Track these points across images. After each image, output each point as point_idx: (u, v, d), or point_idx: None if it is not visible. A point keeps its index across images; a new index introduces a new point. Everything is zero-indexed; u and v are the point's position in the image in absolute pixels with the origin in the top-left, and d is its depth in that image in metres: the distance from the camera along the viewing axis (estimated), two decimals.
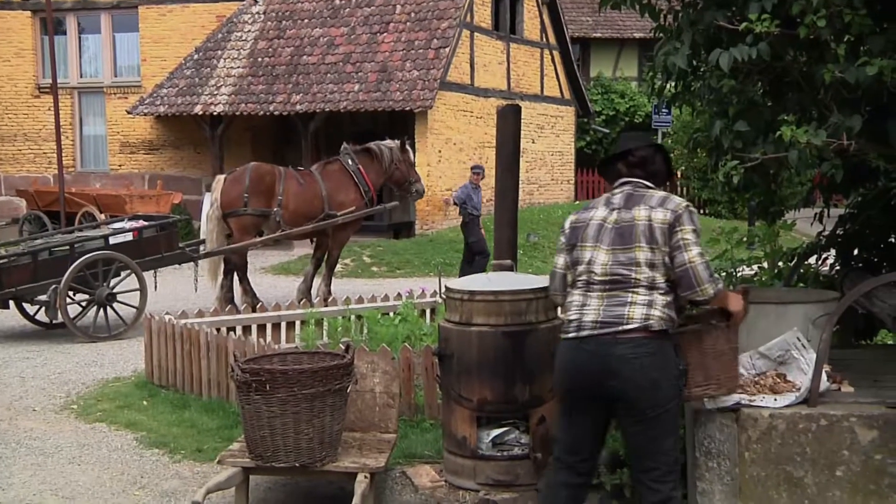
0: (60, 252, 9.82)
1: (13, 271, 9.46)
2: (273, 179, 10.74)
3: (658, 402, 3.58)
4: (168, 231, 10.72)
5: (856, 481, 3.72)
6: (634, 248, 3.68)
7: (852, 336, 5.52)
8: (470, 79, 19.63)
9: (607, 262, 3.71)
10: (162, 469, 5.64)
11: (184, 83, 19.42)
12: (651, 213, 3.70)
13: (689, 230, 3.67)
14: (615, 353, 3.58)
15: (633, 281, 3.65)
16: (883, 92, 3.75)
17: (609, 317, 3.63)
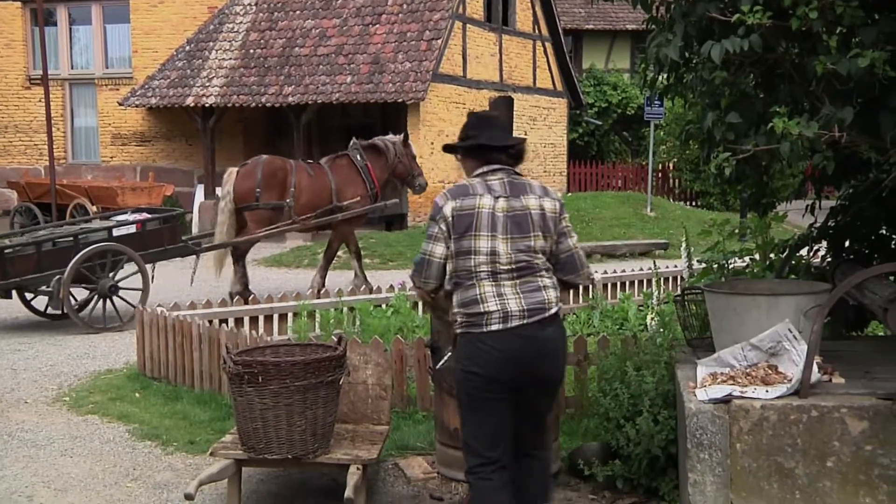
0: (64, 243, 9.85)
1: (17, 261, 9.49)
2: (285, 173, 10.81)
3: (560, 377, 4.03)
4: (171, 224, 10.73)
5: (846, 472, 3.73)
6: (531, 236, 3.82)
7: (843, 327, 5.54)
8: (462, 70, 19.60)
9: (510, 251, 3.79)
10: (154, 461, 5.64)
11: (175, 75, 19.35)
12: (541, 203, 3.87)
13: (567, 218, 3.99)
14: (547, 337, 3.78)
15: (535, 266, 3.82)
16: (874, 84, 3.76)
17: (532, 303, 3.77)
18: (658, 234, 18.72)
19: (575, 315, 9.57)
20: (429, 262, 3.87)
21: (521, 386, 3.78)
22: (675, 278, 10.59)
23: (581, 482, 5.07)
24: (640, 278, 10.80)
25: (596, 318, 9.34)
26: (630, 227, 19.32)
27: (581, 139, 26.31)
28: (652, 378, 4.80)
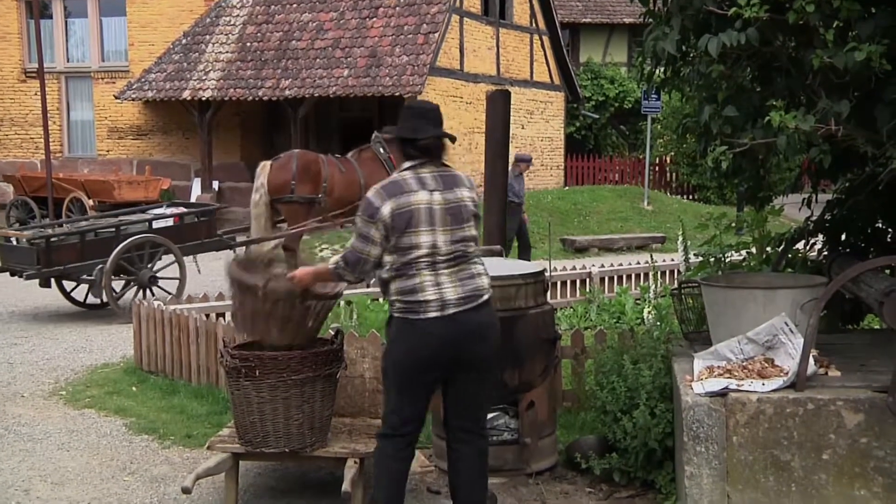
0: (106, 234, 10.13)
1: (62, 250, 9.75)
2: (318, 167, 10.91)
3: (493, 358, 4.11)
4: (208, 218, 11.04)
5: (842, 465, 3.75)
6: (465, 227, 4.00)
7: (839, 321, 5.55)
8: (459, 64, 19.59)
9: (448, 242, 3.95)
10: (151, 455, 5.64)
11: (172, 68, 19.31)
12: (464, 193, 4.04)
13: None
14: (481, 321, 3.96)
15: (469, 255, 4.01)
16: (871, 77, 3.76)
17: (468, 290, 3.95)
18: (655, 228, 18.74)
19: (572, 309, 9.58)
20: (365, 261, 4.00)
21: (454, 370, 4.02)
22: (672, 272, 10.60)
23: (578, 475, 5.09)
24: (637, 272, 10.82)
25: (593, 311, 9.35)
26: (627, 220, 19.35)
27: (578, 133, 26.31)
28: (649, 371, 4.81)
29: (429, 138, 4.01)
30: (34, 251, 9.64)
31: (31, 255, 9.65)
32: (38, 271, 9.67)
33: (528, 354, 5.08)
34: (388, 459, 4.10)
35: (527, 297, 5.12)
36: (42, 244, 9.67)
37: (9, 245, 10.10)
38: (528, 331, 5.08)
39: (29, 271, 9.69)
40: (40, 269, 9.66)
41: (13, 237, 10.18)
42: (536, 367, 5.12)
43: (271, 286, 4.44)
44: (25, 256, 9.75)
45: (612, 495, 4.82)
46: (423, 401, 4.08)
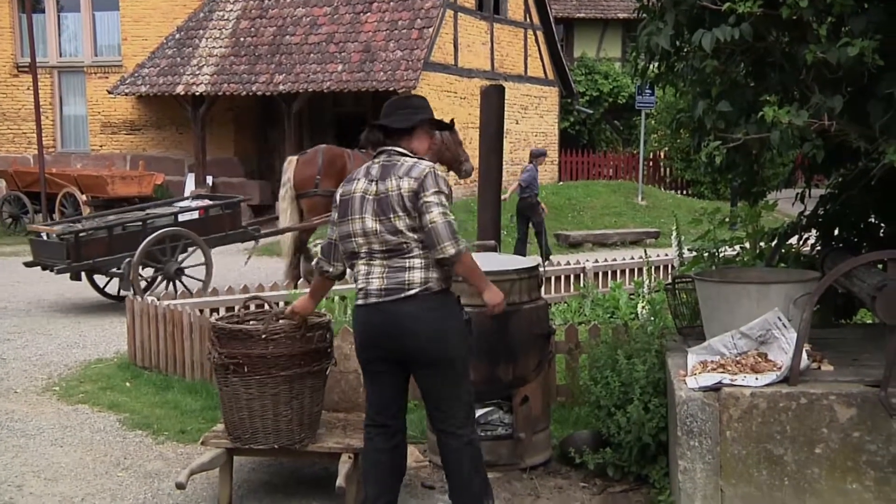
0: (133, 227, 10.32)
1: (91, 244, 9.97)
2: (344, 161, 11.03)
3: (449, 351, 3.95)
4: (233, 210, 11.18)
5: (834, 458, 3.76)
6: (393, 217, 3.92)
7: (832, 315, 5.56)
8: (454, 59, 19.56)
9: (378, 232, 3.95)
10: (145, 450, 5.64)
11: (165, 63, 19.26)
12: (399, 183, 3.93)
13: (431, 192, 3.91)
14: (404, 314, 3.91)
15: (403, 248, 3.93)
16: (864, 72, 3.76)
17: (392, 283, 3.93)
18: (649, 223, 18.76)
19: (566, 303, 9.59)
20: (330, 245, 4.20)
21: (390, 359, 4.00)
22: (666, 267, 10.62)
23: (572, 470, 5.09)
24: (631, 267, 10.83)
25: (587, 306, 9.36)
26: (621, 215, 19.37)
27: (572, 128, 26.31)
28: (643, 366, 4.82)
29: (374, 126, 4.11)
30: (64, 246, 9.82)
31: (61, 250, 9.83)
32: (67, 265, 9.85)
33: (522, 349, 5.08)
34: (369, 450, 4.18)
35: (521, 292, 5.12)
36: (71, 239, 9.85)
37: (40, 240, 10.29)
38: (522, 326, 5.08)
39: (59, 265, 9.87)
40: (70, 264, 9.84)
41: (44, 232, 10.35)
42: (530, 362, 5.13)
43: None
44: (56, 251, 9.92)
45: (606, 490, 4.83)
46: (381, 389, 4.10)
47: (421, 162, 4.01)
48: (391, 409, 4.15)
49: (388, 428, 4.14)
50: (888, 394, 3.66)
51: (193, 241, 10.39)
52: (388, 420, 4.14)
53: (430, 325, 3.93)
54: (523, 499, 4.78)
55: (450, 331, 3.98)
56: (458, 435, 4.07)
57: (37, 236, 10.44)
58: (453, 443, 4.07)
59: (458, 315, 4.04)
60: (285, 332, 4.56)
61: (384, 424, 4.14)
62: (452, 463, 4.10)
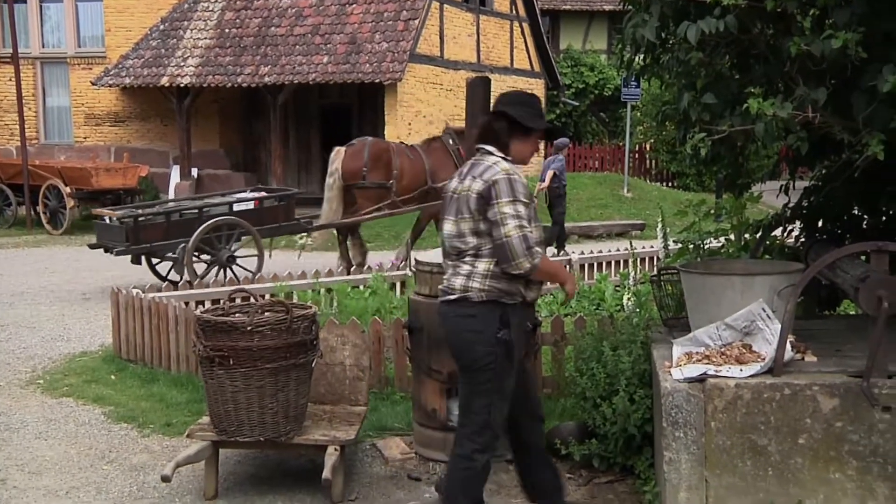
0: (190, 215, 10.75)
1: (149, 229, 10.45)
2: (390, 155, 11.25)
3: (471, 362, 3.93)
4: (286, 202, 11.56)
5: (817, 448, 3.78)
6: (460, 219, 3.94)
7: (816, 306, 5.59)
8: (440, 51, 19.53)
9: (449, 232, 3.99)
10: (130, 443, 5.62)
11: (150, 54, 19.15)
12: (472, 184, 3.91)
13: (506, 202, 3.83)
14: (447, 316, 4.00)
15: (464, 250, 3.95)
16: (847, 65, 3.78)
17: (446, 286, 4.03)
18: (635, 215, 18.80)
19: (552, 295, 9.60)
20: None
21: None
22: (652, 259, 10.65)
23: (558, 461, 5.10)
24: (617, 259, 10.86)
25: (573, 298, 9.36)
26: (607, 207, 19.40)
27: (558, 120, 26.32)
28: (628, 358, 4.83)
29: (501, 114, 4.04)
30: (124, 229, 10.28)
31: (122, 233, 10.29)
32: (126, 248, 10.32)
33: None
34: None
35: None
36: (131, 223, 10.30)
37: (103, 223, 10.82)
38: None
39: (118, 248, 10.35)
40: (129, 246, 10.30)
41: (106, 216, 10.83)
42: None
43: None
44: (116, 234, 10.40)
45: (592, 481, 4.85)
46: None
47: (498, 164, 3.90)
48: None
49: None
50: (870, 384, 3.69)
51: (247, 231, 10.74)
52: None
53: (455, 336, 3.99)
54: (510, 490, 4.79)
55: (476, 343, 3.91)
56: (460, 443, 4.03)
57: (100, 220, 10.97)
58: (455, 448, 4.07)
59: (491, 329, 3.90)
60: (270, 324, 4.55)
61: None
62: (449, 470, 4.11)
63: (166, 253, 10.54)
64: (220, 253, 10.58)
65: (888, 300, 3.66)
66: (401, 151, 11.40)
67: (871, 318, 3.73)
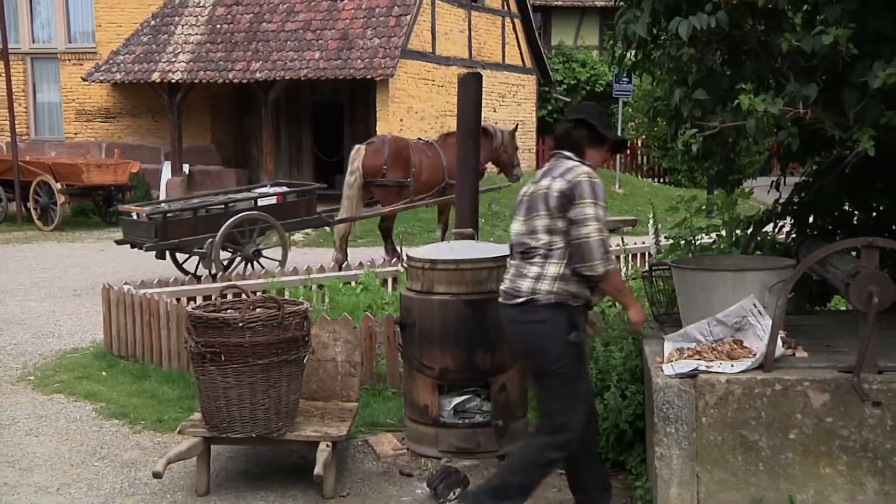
0: (216, 210, 10.88)
1: (177, 225, 10.54)
2: (409, 152, 11.41)
3: (544, 366, 3.93)
4: (308, 197, 11.72)
5: (808, 444, 3.80)
6: (534, 216, 3.95)
7: (807, 302, 5.61)
8: (431, 47, 19.50)
9: (519, 232, 4.01)
10: (122, 440, 5.61)
11: (140, 50, 19.09)
12: (552, 183, 3.92)
13: (589, 203, 3.86)
14: (510, 320, 4.00)
15: (531, 251, 3.95)
16: (838, 61, 3.78)
17: (508, 287, 4.01)
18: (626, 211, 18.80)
19: None
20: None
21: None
22: (643, 254, 10.66)
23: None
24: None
25: None
26: None
27: (550, 116, 26.30)
28: (620, 353, 4.84)
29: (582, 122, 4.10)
30: (152, 225, 10.37)
31: (150, 229, 10.38)
32: (155, 244, 10.39)
33: (500, 337, 5.09)
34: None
35: (499, 280, 5.11)
36: (159, 219, 10.42)
37: (130, 219, 10.81)
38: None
39: (147, 243, 10.41)
40: (157, 242, 10.38)
41: (134, 212, 10.85)
42: (508, 350, 5.14)
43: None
44: (145, 230, 10.47)
45: None
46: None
47: (580, 166, 3.96)
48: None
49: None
50: (860, 379, 3.70)
51: (272, 225, 10.84)
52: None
53: (526, 337, 3.97)
54: None
55: (548, 347, 3.91)
56: (537, 435, 4.06)
57: (127, 216, 10.97)
58: (531, 438, 4.07)
59: (561, 333, 3.90)
60: (262, 320, 4.54)
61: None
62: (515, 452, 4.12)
63: (194, 248, 10.68)
64: (246, 247, 10.70)
65: (878, 296, 3.67)
66: (419, 148, 11.57)
67: (861, 314, 3.75)
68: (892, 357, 3.92)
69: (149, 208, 10.90)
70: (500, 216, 16.99)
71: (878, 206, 5.47)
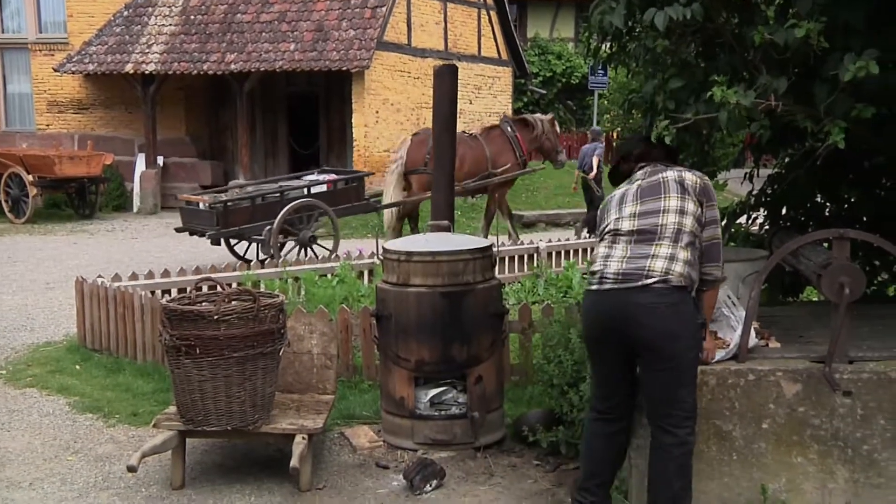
0: (272, 198, 11.54)
1: (237, 213, 11.18)
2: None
3: (676, 352, 3.63)
4: (356, 184, 12.46)
5: (780, 433, 3.84)
6: (664, 197, 3.78)
7: (780, 293, 5.67)
8: (407, 39, 19.46)
9: (634, 214, 3.81)
10: (96, 434, 5.57)
11: (113, 41, 18.90)
12: (681, 174, 3.85)
13: (716, 207, 3.84)
14: (639, 302, 3.63)
15: (658, 230, 3.72)
16: (810, 54, 3.82)
17: (632, 269, 3.68)
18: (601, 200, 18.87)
19: (520, 283, 9.64)
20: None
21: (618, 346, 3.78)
22: None
23: (525, 448, 5.14)
24: (585, 246, 10.91)
25: (540, 286, 9.42)
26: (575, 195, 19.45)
27: (526, 108, 26.33)
28: None
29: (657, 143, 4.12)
30: (214, 214, 10.98)
31: (212, 218, 10.97)
32: (217, 231, 10.99)
33: (476, 329, 5.11)
34: (587, 430, 4.03)
35: (475, 271, 5.14)
36: (220, 208, 11.05)
37: (191, 209, 11.39)
38: (476, 305, 5.11)
39: (209, 231, 10.98)
40: (219, 230, 10.99)
41: (196, 202, 11.45)
42: (484, 341, 5.15)
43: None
44: (206, 219, 11.06)
45: (560, 467, 4.89)
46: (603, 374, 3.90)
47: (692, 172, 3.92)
48: (612, 397, 3.91)
49: (606, 415, 3.93)
50: (832, 369, 3.75)
51: (324, 211, 11.47)
52: (608, 408, 3.92)
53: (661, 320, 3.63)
54: (477, 477, 4.81)
55: (682, 330, 3.66)
56: (670, 433, 3.69)
57: (188, 205, 11.49)
58: (665, 438, 3.70)
59: (692, 315, 3.70)
60: (237, 313, 4.52)
61: (601, 410, 3.94)
62: (657, 461, 3.73)
63: (252, 235, 11.18)
64: (302, 233, 11.28)
65: (849, 287, 3.71)
66: (462, 140, 11.76)
67: (832, 305, 3.79)
68: (863, 347, 3.97)
69: (209, 197, 11.50)
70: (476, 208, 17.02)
71: (849, 197, 5.53)
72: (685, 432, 3.68)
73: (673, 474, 3.68)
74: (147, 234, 15.81)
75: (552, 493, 4.58)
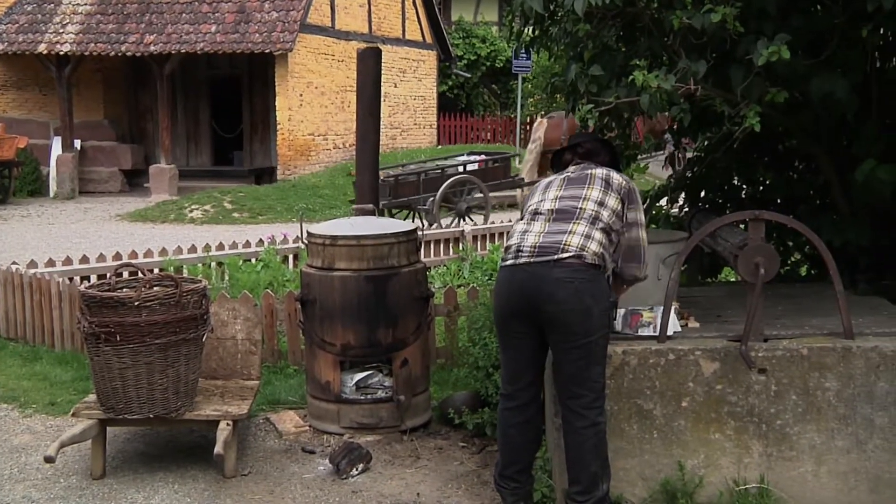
0: (433, 174, 13.31)
1: (406, 186, 13.03)
2: None
3: (589, 328, 3.64)
4: (503, 163, 14.36)
5: (699, 411, 3.93)
6: (587, 186, 3.85)
7: (699, 274, 5.79)
8: (331, 21, 19.28)
9: (556, 198, 3.86)
10: (11, 424, 5.42)
11: (25, 19, 18.30)
12: (609, 173, 3.91)
13: (640, 210, 3.91)
14: (554, 276, 3.64)
15: (577, 212, 3.77)
16: (726, 38, 3.90)
17: (548, 242, 3.70)
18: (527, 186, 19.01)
19: (445, 267, 9.67)
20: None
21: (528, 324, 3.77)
22: None
23: (451, 431, 5.17)
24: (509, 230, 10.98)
25: (466, 269, 9.46)
26: None
27: (450, 92, 26.37)
28: None
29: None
30: (387, 186, 12.41)
31: (385, 189, 12.14)
32: (389, 202, 12.47)
33: (402, 312, 5.11)
34: (500, 421, 3.99)
35: (399, 255, 5.14)
36: (392, 181, 12.78)
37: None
38: (401, 289, 5.11)
39: (382, 201, 11.71)
40: (391, 200, 12.55)
41: None
42: (409, 324, 5.16)
43: None
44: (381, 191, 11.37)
45: (485, 449, 4.93)
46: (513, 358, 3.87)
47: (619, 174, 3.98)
48: (518, 379, 3.89)
49: (516, 399, 3.89)
50: (748, 347, 3.84)
51: (478, 187, 13.17)
52: (516, 392, 3.89)
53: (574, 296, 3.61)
54: (404, 460, 4.83)
55: (594, 308, 3.65)
56: (581, 415, 3.71)
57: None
58: (576, 422, 3.71)
59: (606, 293, 3.72)
60: (159, 299, 4.44)
61: (511, 395, 3.90)
62: (572, 443, 3.74)
63: (418, 205, 12.87)
64: (459, 205, 12.97)
65: (764, 267, 3.81)
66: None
67: (748, 285, 3.89)
68: (777, 326, 4.09)
69: (383, 172, 12.13)
70: None
71: (764, 180, 5.68)
72: (595, 413, 3.72)
73: (589, 455, 3.72)
74: (64, 219, 15.40)
75: (478, 474, 4.62)
